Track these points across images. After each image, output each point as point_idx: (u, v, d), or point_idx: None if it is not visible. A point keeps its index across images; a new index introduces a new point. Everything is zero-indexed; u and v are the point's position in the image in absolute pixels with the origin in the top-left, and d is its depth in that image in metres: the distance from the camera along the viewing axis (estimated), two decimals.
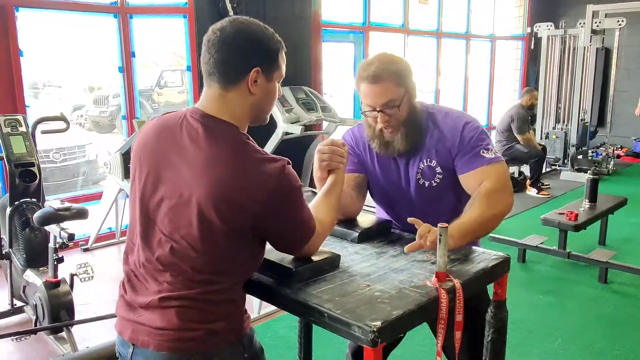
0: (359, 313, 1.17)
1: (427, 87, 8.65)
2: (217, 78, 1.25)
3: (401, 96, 1.63)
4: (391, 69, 1.62)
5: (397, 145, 1.69)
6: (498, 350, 1.56)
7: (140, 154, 1.30)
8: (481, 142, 1.67)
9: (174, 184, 1.22)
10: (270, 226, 1.24)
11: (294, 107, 4.83)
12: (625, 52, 8.38)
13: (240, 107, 1.26)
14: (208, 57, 1.25)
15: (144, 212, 1.27)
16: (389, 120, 1.65)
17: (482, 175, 1.64)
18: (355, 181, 1.79)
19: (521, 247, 4.18)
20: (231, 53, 1.23)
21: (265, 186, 1.18)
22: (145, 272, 1.27)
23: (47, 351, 2.86)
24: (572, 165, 7.31)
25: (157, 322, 1.22)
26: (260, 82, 1.26)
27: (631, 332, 3.07)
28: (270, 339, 3.00)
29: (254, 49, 1.25)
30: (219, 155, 1.19)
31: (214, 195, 1.16)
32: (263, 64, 1.25)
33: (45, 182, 5.42)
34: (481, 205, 1.58)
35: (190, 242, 1.19)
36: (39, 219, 2.62)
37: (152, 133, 1.31)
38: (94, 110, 11.89)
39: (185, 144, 1.23)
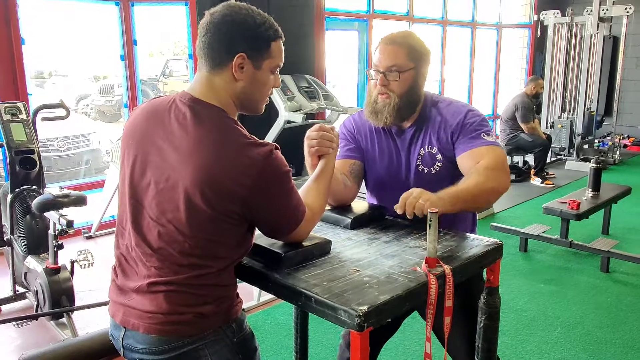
0: (346, 297, 1.16)
1: (432, 76, 8.59)
2: (204, 61, 1.25)
3: (407, 67, 1.65)
4: (410, 41, 1.68)
5: (386, 114, 1.68)
6: (490, 336, 1.56)
7: (129, 138, 1.31)
8: (482, 128, 1.67)
9: (161, 167, 1.22)
10: (257, 211, 1.23)
11: (295, 95, 4.82)
12: (633, 40, 8.28)
13: (225, 92, 1.26)
14: (199, 39, 1.26)
15: (132, 196, 1.27)
16: (387, 86, 1.66)
17: (479, 154, 1.62)
18: (350, 167, 1.78)
19: (523, 236, 4.17)
20: (217, 37, 1.22)
21: (251, 170, 1.17)
22: (135, 256, 1.27)
23: (48, 337, 2.89)
24: (578, 155, 7.26)
25: (146, 305, 1.23)
26: (247, 69, 1.25)
27: (631, 322, 3.06)
28: (270, 325, 3.01)
29: (240, 34, 1.23)
30: (206, 139, 1.18)
31: (200, 179, 1.16)
32: (249, 50, 1.24)
33: (49, 171, 5.46)
34: (478, 177, 1.55)
35: (177, 226, 1.20)
36: (38, 205, 2.63)
37: (141, 117, 1.31)
38: (100, 99, 11.92)
39: (173, 128, 1.22)
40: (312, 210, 1.38)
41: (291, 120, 4.69)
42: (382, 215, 1.75)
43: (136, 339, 1.25)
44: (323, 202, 1.46)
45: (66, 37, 11.34)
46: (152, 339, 1.22)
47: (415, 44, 1.67)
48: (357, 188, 1.82)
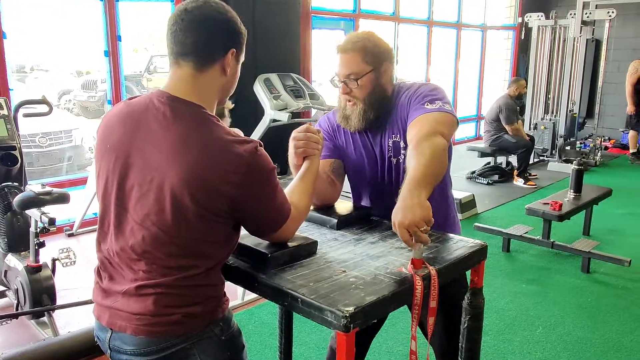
0: (332, 298, 1.17)
1: (418, 76, 8.64)
2: (191, 58, 1.22)
3: (364, 72, 1.64)
4: (363, 44, 1.65)
5: (354, 120, 1.68)
6: (474, 336, 1.57)
7: (106, 142, 1.27)
8: (428, 97, 1.62)
9: (144, 169, 1.20)
10: (245, 209, 1.23)
11: (281, 94, 4.80)
12: (615, 44, 8.40)
13: (211, 88, 1.26)
14: (182, 36, 1.21)
15: (115, 201, 1.25)
16: (350, 93, 1.66)
17: (417, 123, 1.56)
18: (331, 167, 1.79)
19: (506, 236, 4.21)
20: (214, 33, 1.22)
21: (238, 167, 1.16)
22: (120, 261, 1.25)
23: (28, 335, 2.85)
24: (560, 156, 7.35)
25: (134, 308, 1.22)
26: (232, 65, 1.27)
27: (611, 321, 3.11)
28: (254, 325, 3.00)
29: (231, 31, 1.25)
30: (189, 138, 1.17)
31: (186, 178, 1.15)
32: (237, 45, 1.27)
33: (30, 167, 5.38)
34: (420, 155, 1.43)
35: (162, 228, 1.18)
36: (20, 203, 2.59)
37: (116, 120, 1.27)
38: (83, 95, 11.75)
39: (153, 128, 1.20)
40: (298, 209, 1.38)
41: (277, 119, 4.67)
42: (368, 216, 1.75)
43: (124, 341, 1.24)
44: (308, 202, 1.46)
45: (49, 31, 11.17)
46: (140, 340, 1.21)
47: (369, 46, 1.65)
48: (341, 187, 1.83)
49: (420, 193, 1.32)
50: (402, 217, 1.26)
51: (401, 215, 1.27)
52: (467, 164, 6.88)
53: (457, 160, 7.29)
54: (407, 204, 1.29)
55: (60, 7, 9.79)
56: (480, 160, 6.77)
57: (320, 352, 2.72)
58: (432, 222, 1.28)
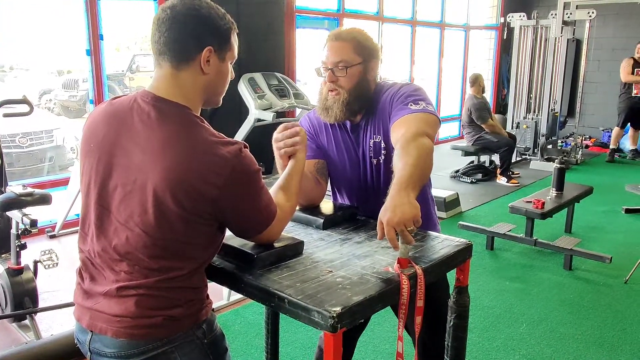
0: (319, 299, 1.16)
1: (401, 76, 8.67)
2: (168, 57, 1.21)
3: (354, 62, 1.64)
4: (356, 36, 1.67)
5: (336, 110, 1.67)
6: (460, 335, 1.58)
7: (90, 142, 1.26)
8: (411, 98, 1.62)
9: (128, 170, 1.19)
10: (228, 211, 1.22)
11: (266, 93, 4.80)
12: (596, 44, 8.53)
13: (192, 87, 1.24)
14: (158, 35, 1.21)
15: (98, 201, 1.23)
16: (336, 82, 1.66)
17: (402, 124, 1.56)
18: (315, 167, 1.79)
19: (489, 234, 4.25)
20: (183, 31, 1.20)
21: (222, 169, 1.15)
22: (102, 262, 1.24)
23: (10, 339, 2.81)
24: (542, 155, 7.44)
25: (114, 309, 1.20)
26: (213, 62, 1.24)
27: (593, 317, 3.15)
28: (239, 325, 2.99)
29: (206, 27, 1.22)
30: (173, 139, 1.16)
31: (169, 179, 1.14)
32: (215, 43, 1.23)
33: (11, 168, 5.30)
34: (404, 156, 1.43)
35: (145, 229, 1.17)
36: (0, 204, 2.55)
37: (101, 119, 1.26)
38: (64, 94, 11.60)
39: (137, 128, 1.19)
40: (283, 209, 1.37)
41: (261, 119, 4.67)
42: (353, 215, 1.76)
43: (104, 343, 1.22)
44: (294, 202, 1.46)
45: (29, 30, 11.02)
46: (120, 342, 1.20)
47: (361, 39, 1.68)
48: (326, 186, 1.83)
49: (409, 193, 1.32)
50: (391, 215, 1.26)
51: (390, 213, 1.27)
52: (451, 162, 6.93)
53: (441, 159, 7.37)
54: (396, 203, 1.29)
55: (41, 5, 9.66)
56: (464, 159, 6.82)
57: (307, 351, 2.72)
58: (419, 223, 1.29)
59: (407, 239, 1.27)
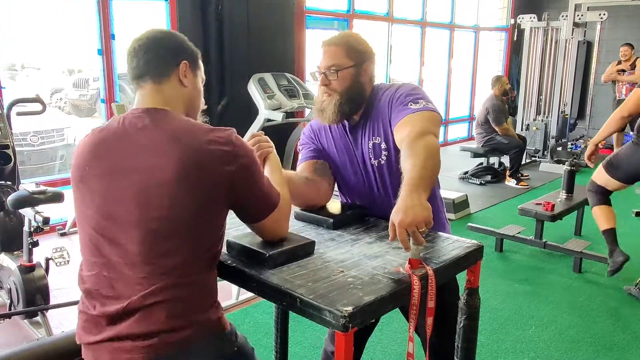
0: (331, 298, 1.17)
1: (411, 77, 8.67)
2: (149, 76, 1.31)
3: (345, 65, 1.68)
4: (348, 41, 1.72)
5: (329, 112, 1.71)
6: (470, 336, 1.58)
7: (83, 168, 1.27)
8: (410, 97, 1.65)
9: (133, 174, 1.20)
10: (241, 188, 1.27)
11: (275, 93, 4.80)
12: (607, 46, 8.48)
13: (175, 99, 1.33)
14: (136, 60, 1.31)
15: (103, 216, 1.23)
16: (329, 85, 1.70)
17: (405, 124, 1.59)
18: (314, 167, 1.82)
19: (499, 236, 4.24)
20: (161, 50, 1.33)
21: (229, 146, 1.23)
22: (116, 277, 1.22)
23: (22, 335, 2.83)
24: (552, 157, 7.40)
25: (142, 327, 1.18)
26: (189, 77, 1.36)
27: (602, 321, 3.13)
28: (248, 325, 3.00)
29: (180, 46, 1.36)
30: (176, 133, 1.22)
31: (185, 168, 1.18)
32: (189, 59, 1.36)
33: (22, 166, 5.35)
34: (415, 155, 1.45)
35: (160, 224, 1.19)
36: (13, 202, 2.57)
37: (92, 146, 1.28)
38: (74, 93, 11.68)
39: (134, 137, 1.23)
40: (283, 197, 1.41)
41: (271, 119, 4.68)
42: (363, 215, 1.76)
43: None
44: (286, 193, 1.47)
45: (42, 29, 11.10)
46: None
47: (354, 44, 1.71)
48: (329, 186, 1.84)
49: (420, 194, 1.33)
50: (403, 216, 1.27)
51: (402, 215, 1.27)
52: (460, 164, 6.91)
53: (450, 160, 7.35)
54: (408, 204, 1.29)
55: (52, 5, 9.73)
56: (473, 161, 6.80)
57: (315, 351, 2.72)
58: (431, 224, 1.29)
59: (419, 240, 1.28)
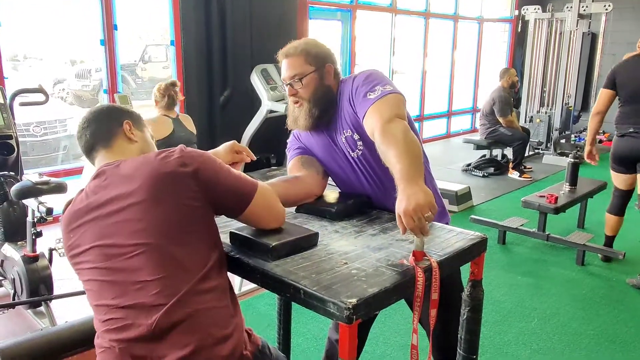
0: (335, 290, 1.17)
1: (414, 68, 8.63)
2: (100, 144, 1.40)
3: (307, 72, 1.70)
4: (303, 47, 1.73)
5: (302, 120, 1.75)
6: (473, 328, 1.58)
7: (70, 231, 1.36)
8: (366, 87, 1.65)
9: (118, 213, 1.25)
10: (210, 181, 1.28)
11: (278, 85, 4.79)
12: (611, 37, 8.42)
13: (126, 153, 1.40)
14: (85, 134, 1.41)
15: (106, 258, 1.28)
16: (296, 94, 1.73)
17: (370, 116, 1.60)
18: (301, 161, 1.84)
19: (502, 229, 4.23)
20: (103, 120, 1.43)
21: (184, 153, 1.27)
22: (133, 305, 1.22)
23: (25, 325, 2.85)
24: (555, 149, 7.38)
25: (179, 346, 1.17)
26: (136, 132, 1.44)
27: (605, 314, 3.14)
28: (251, 316, 3.01)
29: (119, 112, 1.47)
30: (135, 166, 1.28)
31: (149, 191, 1.23)
32: (130, 119, 1.45)
33: (25, 156, 5.35)
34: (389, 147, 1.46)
35: (159, 238, 1.22)
36: (17, 192, 2.58)
37: (68, 229, 1.37)
38: (76, 83, 11.67)
39: (107, 183, 1.30)
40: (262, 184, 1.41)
41: (274, 110, 4.67)
42: (367, 205, 1.76)
43: None
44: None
45: (44, 20, 11.07)
46: None
47: (309, 49, 1.73)
48: (318, 175, 1.83)
49: (417, 181, 1.34)
50: (406, 204, 1.27)
51: (405, 203, 1.27)
52: (463, 156, 6.90)
53: (453, 152, 7.32)
54: (408, 192, 1.30)
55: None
56: (476, 153, 6.78)
57: (318, 342, 2.73)
58: (436, 208, 1.29)
59: (425, 229, 1.27)
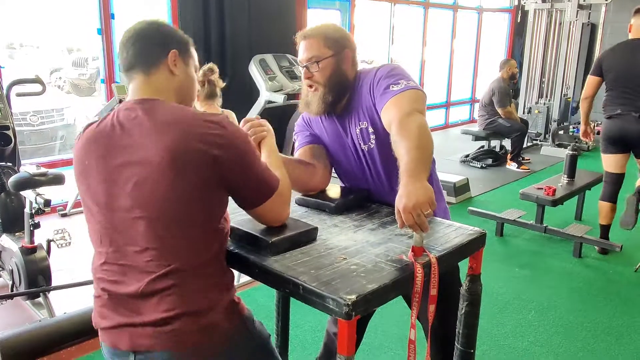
0: (334, 286, 1.17)
1: (413, 58, 8.60)
2: (139, 67, 1.30)
3: (325, 56, 1.68)
4: (323, 31, 1.72)
5: (315, 105, 1.72)
6: (471, 322, 1.59)
7: (83, 161, 1.28)
8: (390, 79, 1.64)
9: (130, 164, 1.21)
10: (231, 169, 1.23)
11: (277, 75, 4.77)
12: (611, 28, 8.38)
13: (166, 88, 1.31)
14: (126, 52, 1.31)
15: (107, 206, 1.25)
16: (312, 78, 1.70)
17: (390, 108, 1.58)
18: (311, 152, 1.82)
19: (499, 220, 4.24)
20: (148, 42, 1.32)
21: (217, 130, 1.21)
22: (126, 264, 1.23)
23: (24, 316, 2.85)
24: (553, 141, 7.38)
25: (160, 311, 1.19)
26: (180, 65, 1.34)
27: (601, 306, 3.15)
28: (249, 307, 3.01)
29: (168, 36, 1.35)
30: (166, 121, 1.21)
31: (172, 155, 1.16)
32: (178, 48, 1.34)
33: (22, 146, 5.34)
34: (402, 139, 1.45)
35: (162, 210, 1.19)
36: (15, 184, 2.57)
37: (89, 140, 1.29)
38: (73, 72, 11.61)
39: (127, 128, 1.23)
40: (281, 182, 1.38)
41: (272, 101, 4.65)
42: (367, 199, 1.76)
43: (152, 359, 1.20)
44: (286, 177, 1.45)
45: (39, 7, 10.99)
46: (172, 355, 1.19)
47: (329, 33, 1.71)
48: (326, 170, 1.83)
49: (420, 177, 1.33)
50: (406, 201, 1.26)
51: (405, 199, 1.27)
52: (461, 147, 6.89)
53: (451, 143, 7.31)
54: (410, 189, 1.29)
55: None
56: (474, 144, 6.78)
57: (316, 334, 2.74)
58: (435, 205, 1.29)
59: (424, 225, 1.27)
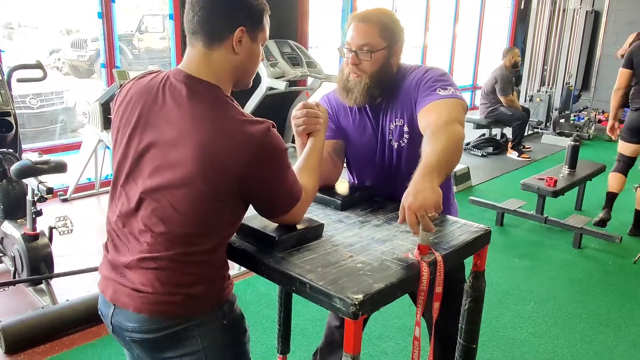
0: (341, 285, 1.17)
1: (415, 43, 8.53)
2: (201, 37, 1.21)
3: (379, 47, 1.61)
4: (383, 19, 1.63)
5: (357, 94, 1.65)
6: (474, 318, 1.59)
7: (122, 116, 1.27)
8: (439, 83, 1.60)
9: (158, 145, 1.19)
10: (254, 189, 1.22)
11: (278, 61, 4.74)
12: (615, 16, 8.33)
13: (223, 67, 1.24)
14: (192, 14, 1.21)
15: (127, 173, 1.25)
16: (359, 65, 1.62)
17: (432, 110, 1.55)
18: (333, 147, 1.78)
19: (500, 210, 4.25)
20: (216, 10, 1.20)
21: (250, 146, 1.15)
22: (128, 232, 1.26)
23: (26, 303, 2.86)
24: (554, 129, 7.36)
25: (137, 283, 1.22)
26: (245, 43, 1.24)
27: (600, 297, 3.17)
28: (251, 296, 3.03)
29: (240, 7, 1.22)
30: (203, 116, 1.17)
31: (199, 157, 1.14)
32: (248, 23, 1.23)
33: (22, 129, 5.32)
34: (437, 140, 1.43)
35: (172, 202, 1.18)
36: (17, 172, 2.56)
37: (132, 94, 1.27)
38: (72, 54, 11.49)
39: (168, 105, 1.20)
40: (306, 191, 1.37)
41: (274, 87, 4.62)
42: (371, 196, 1.75)
43: (126, 317, 1.25)
44: (315, 182, 1.45)
45: None
46: (142, 317, 1.22)
47: (388, 22, 1.63)
48: (342, 167, 1.83)
49: (433, 179, 1.31)
50: (412, 199, 1.25)
51: (412, 198, 1.26)
52: None
53: None
54: (419, 188, 1.28)
55: None
56: (475, 132, 6.76)
57: (317, 324, 2.76)
58: (440, 209, 1.28)
59: (428, 226, 1.27)
